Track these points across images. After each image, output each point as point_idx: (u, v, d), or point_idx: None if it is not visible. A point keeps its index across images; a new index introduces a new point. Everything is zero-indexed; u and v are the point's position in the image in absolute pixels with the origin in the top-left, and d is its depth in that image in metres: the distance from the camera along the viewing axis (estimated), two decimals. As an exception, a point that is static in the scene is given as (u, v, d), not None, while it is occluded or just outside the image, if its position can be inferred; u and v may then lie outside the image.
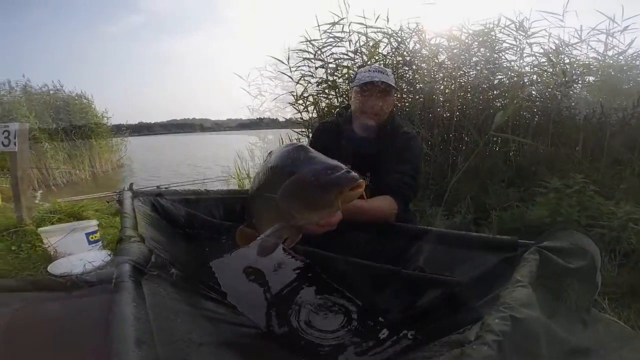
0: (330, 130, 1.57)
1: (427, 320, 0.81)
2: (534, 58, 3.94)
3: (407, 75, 4.16)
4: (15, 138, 2.81)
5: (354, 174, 0.72)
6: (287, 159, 0.83)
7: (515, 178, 3.25)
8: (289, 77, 4.10)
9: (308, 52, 4.05)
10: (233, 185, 4.86)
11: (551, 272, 0.68)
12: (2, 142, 2.83)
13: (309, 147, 0.89)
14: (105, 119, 13.26)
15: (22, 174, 2.88)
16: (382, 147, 1.39)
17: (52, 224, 2.88)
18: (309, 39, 4.00)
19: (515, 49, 3.87)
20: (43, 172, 10.21)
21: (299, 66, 4.09)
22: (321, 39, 4.00)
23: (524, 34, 3.77)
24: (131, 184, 1.75)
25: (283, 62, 4.04)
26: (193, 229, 1.78)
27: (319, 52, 4.01)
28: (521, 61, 3.91)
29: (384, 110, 1.41)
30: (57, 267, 1.74)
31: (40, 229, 2.17)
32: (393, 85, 1.37)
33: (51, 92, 11.98)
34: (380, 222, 1.16)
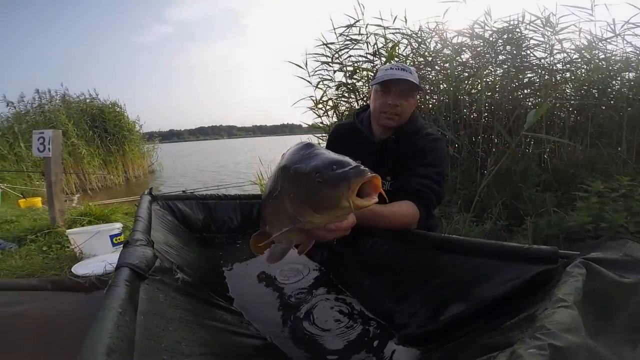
0: (346, 133, 1.47)
1: (446, 339, 0.71)
2: (565, 55, 3.70)
3: (430, 76, 4.03)
4: (49, 144, 2.96)
5: (363, 168, 0.63)
6: (293, 158, 0.76)
7: (552, 182, 3.02)
8: (308, 81, 4.07)
9: (326, 55, 4.01)
10: (255, 191, 4.88)
11: (600, 288, 0.58)
12: (38, 148, 2.99)
13: (316, 144, 0.82)
14: (138, 126, 13.89)
15: (55, 179, 3.03)
16: (403, 149, 1.28)
17: (82, 225, 3.00)
18: (325, 42, 3.96)
19: (544, 45, 3.64)
20: (81, 177, 10.83)
21: (317, 70, 4.06)
22: (338, 42, 3.96)
23: (551, 30, 3.54)
24: (150, 188, 1.76)
25: (301, 67, 4.01)
26: (210, 233, 1.77)
27: (336, 55, 3.97)
28: (551, 58, 3.66)
29: (406, 110, 1.29)
30: (80, 268, 1.78)
31: (68, 230, 2.25)
32: (416, 83, 1.26)
33: (87, 100, 12.70)
34: (400, 229, 1.05)
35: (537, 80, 3.76)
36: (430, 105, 3.97)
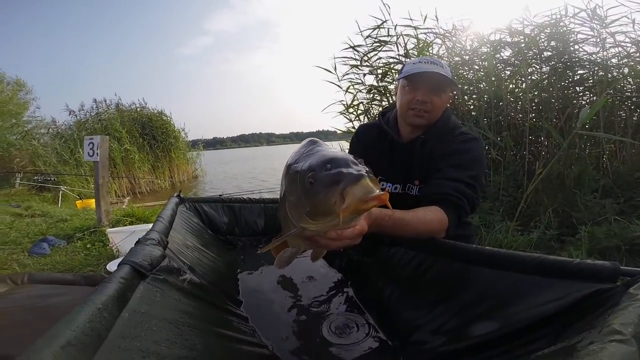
0: (372, 134, 1.37)
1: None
2: (620, 49, 3.30)
3: (468, 76, 3.79)
4: (97, 149, 3.20)
5: (361, 168, 0.53)
6: (295, 156, 0.70)
7: (612, 187, 2.66)
8: (338, 85, 4.00)
9: (354, 59, 3.92)
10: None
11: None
12: (88, 153, 3.26)
13: (320, 141, 0.74)
14: (183, 134, 14.74)
15: (102, 181, 3.26)
16: (434, 150, 1.16)
17: (125, 225, 3.20)
18: (352, 45, 3.87)
19: (594, 39, 3.29)
20: (132, 181, 11.69)
21: (346, 73, 3.99)
22: (366, 45, 3.85)
23: (599, 22, 3.18)
24: (179, 191, 1.81)
25: (330, 71, 3.96)
26: (234, 236, 1.77)
27: (365, 57, 3.87)
28: (604, 53, 3.28)
29: (437, 107, 1.17)
30: (114, 266, 1.86)
31: (108, 229, 2.40)
32: (449, 77, 1.14)
33: (138, 109, 13.64)
34: (425, 237, 0.93)
35: (590, 76, 3.39)
36: (471, 107, 3.73)
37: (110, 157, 6.79)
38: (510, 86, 3.55)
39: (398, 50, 3.79)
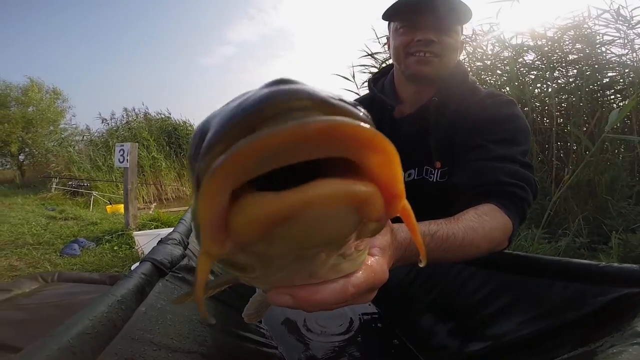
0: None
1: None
2: None
3: (491, 81, 3.71)
4: (127, 156, 3.36)
5: (298, 86, 0.19)
6: None
7: (649, 194, 2.50)
8: (356, 94, 4.01)
9: (373, 66, 3.92)
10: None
11: None
12: (119, 159, 3.43)
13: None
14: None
15: (131, 186, 3.42)
16: (457, 118, 0.82)
17: (151, 229, 3.33)
18: (370, 53, 3.86)
19: (622, 41, 3.15)
20: (158, 188, 12.16)
21: (365, 81, 3.99)
22: (384, 51, 3.81)
23: (625, 23, 3.06)
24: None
25: (349, 79, 3.96)
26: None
27: (384, 64, 3.86)
28: (634, 54, 3.13)
29: (448, 49, 0.81)
30: (139, 267, 1.94)
31: (135, 233, 2.50)
32: (463, 3, 0.79)
33: (164, 118, 14.28)
34: (485, 254, 0.63)
35: (620, 79, 3.24)
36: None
37: (138, 164, 7.15)
38: (536, 91, 3.44)
39: (417, 55, 3.77)
